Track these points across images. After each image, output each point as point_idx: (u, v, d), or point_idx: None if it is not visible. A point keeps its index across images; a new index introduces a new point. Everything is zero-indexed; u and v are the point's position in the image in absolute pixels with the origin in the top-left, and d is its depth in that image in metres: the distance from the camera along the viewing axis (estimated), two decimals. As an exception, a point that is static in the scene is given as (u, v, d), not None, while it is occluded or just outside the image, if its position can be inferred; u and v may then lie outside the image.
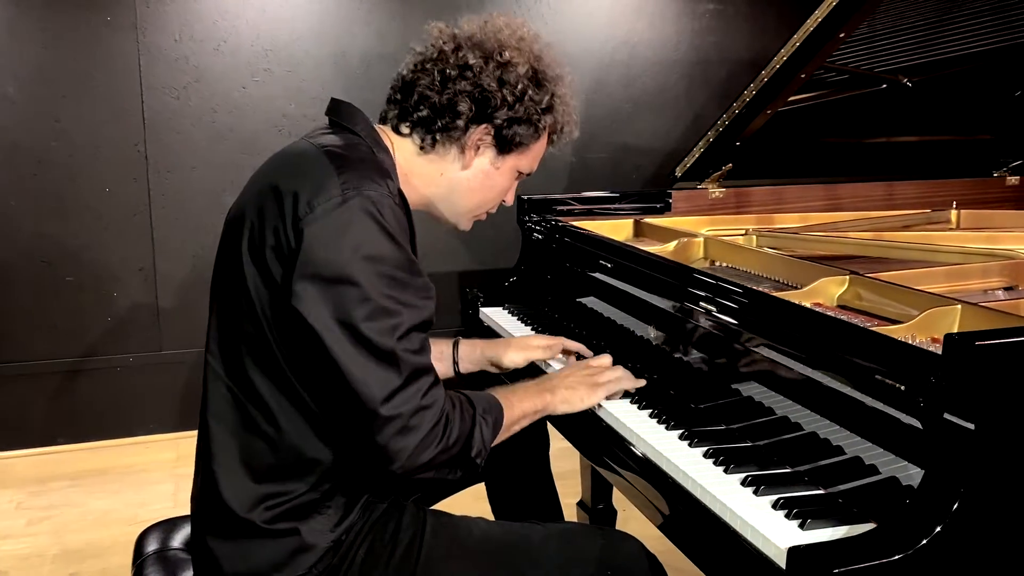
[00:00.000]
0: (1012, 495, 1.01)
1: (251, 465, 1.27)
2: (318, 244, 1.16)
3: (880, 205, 2.66)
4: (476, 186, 1.41)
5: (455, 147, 1.37)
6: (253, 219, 1.24)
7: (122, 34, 3.14)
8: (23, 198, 3.13)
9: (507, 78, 1.33)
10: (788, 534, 1.11)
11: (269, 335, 1.23)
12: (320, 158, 1.24)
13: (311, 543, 1.28)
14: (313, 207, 1.18)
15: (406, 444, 1.18)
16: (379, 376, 1.17)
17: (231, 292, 1.27)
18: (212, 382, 1.30)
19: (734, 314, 1.49)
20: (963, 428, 1.00)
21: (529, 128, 1.37)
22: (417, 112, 1.35)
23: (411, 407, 1.18)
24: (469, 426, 1.28)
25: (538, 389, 1.48)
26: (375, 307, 1.17)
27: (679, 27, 3.80)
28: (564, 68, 1.42)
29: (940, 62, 2.60)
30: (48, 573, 2.49)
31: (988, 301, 1.62)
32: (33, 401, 3.25)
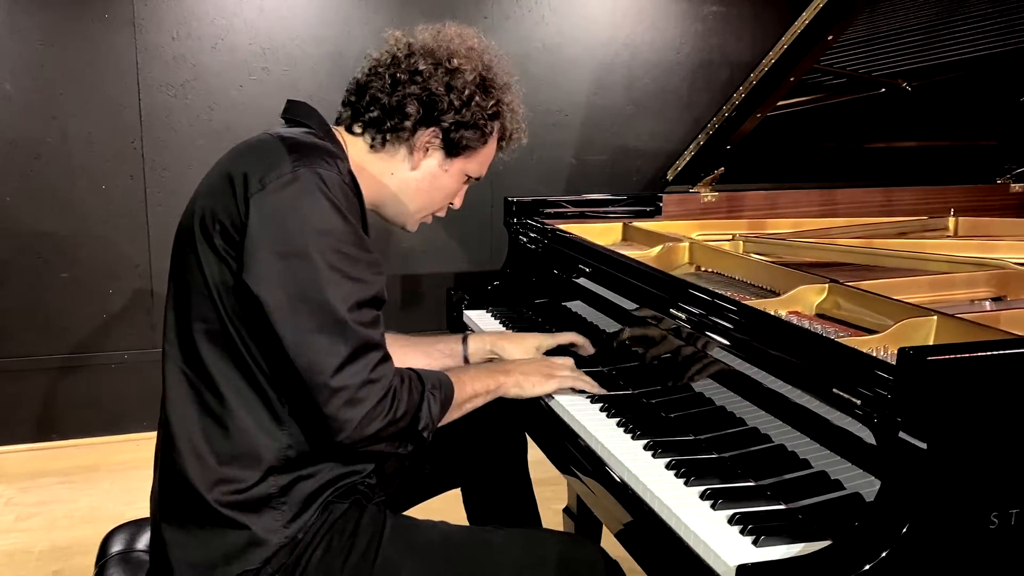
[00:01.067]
0: (965, 522, 0.98)
1: (208, 450, 1.28)
2: (268, 218, 1.20)
3: (877, 211, 2.61)
4: (424, 187, 1.47)
5: (404, 147, 1.43)
6: (205, 204, 1.27)
7: (119, 31, 3.14)
8: (19, 194, 3.13)
9: (455, 84, 1.39)
10: (739, 551, 1.08)
11: (225, 317, 1.25)
12: (274, 142, 1.28)
13: (263, 538, 1.27)
14: (264, 184, 1.21)
15: (353, 415, 1.21)
16: (328, 348, 1.20)
17: (187, 279, 1.29)
18: (170, 370, 1.31)
19: (703, 322, 1.46)
20: (915, 447, 0.97)
21: (476, 132, 1.42)
22: (368, 113, 1.41)
23: (359, 380, 1.22)
24: (417, 401, 1.32)
25: (493, 371, 1.55)
26: (324, 280, 1.20)
27: (682, 29, 3.76)
28: (512, 77, 1.49)
29: (941, 66, 2.55)
30: (33, 570, 2.49)
31: (972, 312, 1.58)
32: (27, 397, 3.26)
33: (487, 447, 1.83)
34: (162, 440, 1.35)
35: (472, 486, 1.87)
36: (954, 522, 0.98)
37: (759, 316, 1.38)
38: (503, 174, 3.62)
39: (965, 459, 0.97)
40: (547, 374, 1.58)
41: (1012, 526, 1.00)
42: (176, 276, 1.33)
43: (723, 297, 1.48)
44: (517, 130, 1.52)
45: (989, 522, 0.99)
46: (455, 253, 3.64)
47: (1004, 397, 0.98)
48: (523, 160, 3.65)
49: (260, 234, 1.20)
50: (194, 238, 1.27)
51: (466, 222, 3.55)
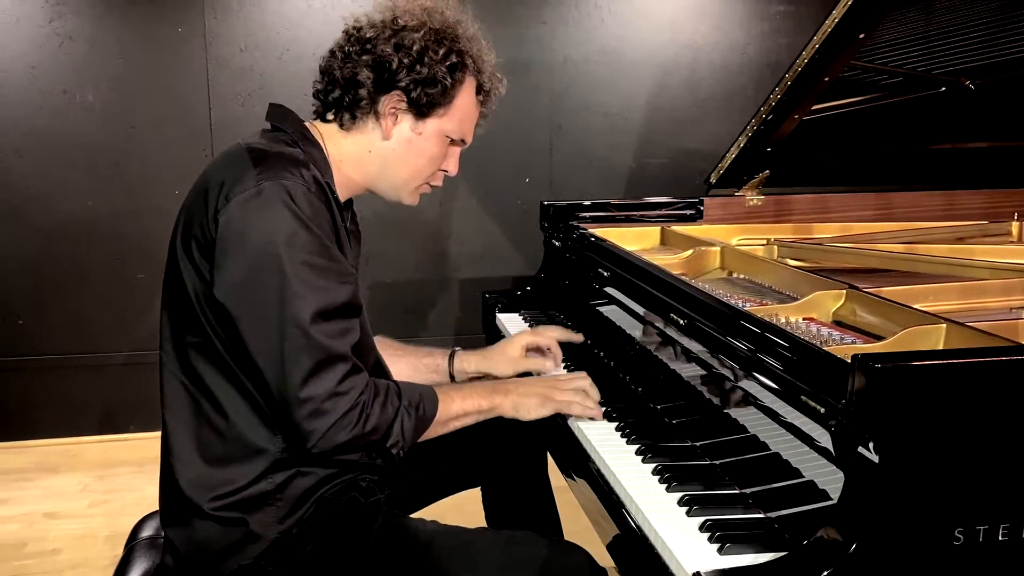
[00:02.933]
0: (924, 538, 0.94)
1: (204, 455, 1.33)
2: (233, 233, 1.23)
3: (936, 215, 2.50)
4: (404, 155, 1.42)
5: (371, 119, 1.40)
6: (185, 216, 1.32)
7: (191, 44, 3.30)
8: (100, 199, 3.33)
9: (402, 42, 1.35)
10: (701, 558, 1.07)
11: (207, 327, 1.29)
12: (241, 154, 1.31)
13: (259, 533, 1.32)
14: (229, 198, 1.24)
15: (318, 426, 1.23)
16: (293, 360, 1.22)
17: (174, 291, 1.33)
18: (167, 377, 1.36)
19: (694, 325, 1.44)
20: (867, 459, 0.94)
21: (436, 87, 1.37)
22: (331, 94, 1.40)
23: (324, 391, 1.23)
24: (390, 418, 1.31)
25: (491, 390, 1.51)
26: (289, 292, 1.22)
27: (747, 29, 3.69)
28: (474, 27, 1.43)
29: (1007, 63, 2.42)
30: (97, 553, 2.64)
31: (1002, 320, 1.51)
32: (108, 389, 3.45)
33: (507, 447, 1.83)
34: (164, 446, 1.39)
35: (491, 487, 1.88)
36: (911, 538, 0.94)
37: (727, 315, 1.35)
38: (563, 179, 3.65)
39: (922, 472, 0.94)
40: (545, 397, 1.52)
41: (980, 543, 0.96)
42: (167, 287, 1.37)
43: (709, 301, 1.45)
44: (491, 79, 1.46)
45: (953, 538, 0.95)
46: (516, 257, 3.67)
47: (971, 405, 0.94)
48: (582, 164, 3.65)
49: (226, 248, 1.23)
50: (176, 249, 1.32)
51: (526, 226, 3.57)
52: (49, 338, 3.39)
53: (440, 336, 3.55)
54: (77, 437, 3.45)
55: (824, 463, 1.16)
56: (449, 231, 3.61)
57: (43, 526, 2.81)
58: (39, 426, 3.42)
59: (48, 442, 3.42)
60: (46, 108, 3.23)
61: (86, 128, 3.28)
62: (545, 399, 1.51)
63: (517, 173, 3.60)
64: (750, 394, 1.29)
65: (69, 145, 3.27)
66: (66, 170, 3.28)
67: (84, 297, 3.38)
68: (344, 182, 1.43)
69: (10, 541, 2.71)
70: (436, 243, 3.62)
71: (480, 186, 3.56)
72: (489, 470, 1.84)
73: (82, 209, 3.32)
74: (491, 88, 1.46)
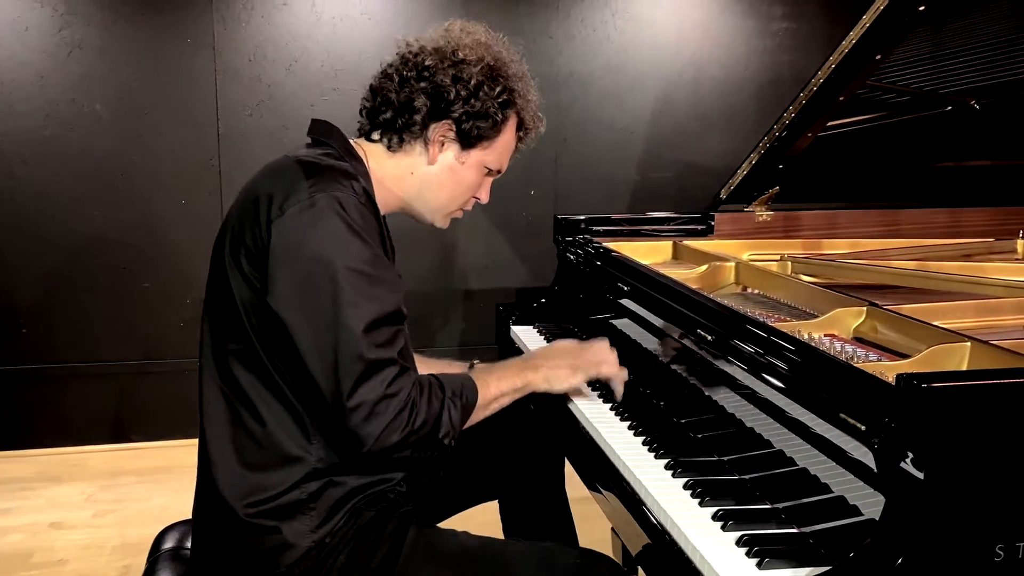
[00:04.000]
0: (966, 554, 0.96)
1: (241, 461, 1.34)
2: (288, 243, 1.26)
3: (943, 233, 2.54)
4: (444, 181, 1.48)
5: (419, 144, 1.45)
6: (234, 225, 1.34)
7: (200, 54, 3.31)
8: (107, 208, 3.33)
9: (461, 75, 1.41)
10: (741, 573, 1.08)
11: (252, 335, 1.31)
12: (292, 166, 1.33)
13: (293, 542, 1.33)
14: (284, 209, 1.27)
15: (372, 430, 1.26)
16: (346, 367, 1.24)
17: (218, 298, 1.36)
18: (206, 385, 1.38)
19: (724, 342, 1.46)
20: (913, 477, 0.96)
21: (487, 122, 1.43)
22: (382, 115, 1.44)
23: (375, 395, 1.25)
24: (437, 410, 1.34)
25: (521, 368, 1.54)
26: (342, 301, 1.25)
27: (750, 46, 3.73)
28: (523, 67, 1.50)
29: (1011, 83, 2.47)
30: (104, 564, 2.63)
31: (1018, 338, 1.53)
32: (111, 399, 3.45)
33: (525, 461, 1.85)
34: (202, 453, 1.42)
35: (508, 499, 1.89)
36: (953, 554, 0.96)
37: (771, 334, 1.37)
38: (567, 192, 3.67)
39: (965, 489, 0.96)
40: (574, 366, 1.57)
41: (1020, 559, 0.98)
42: (210, 294, 1.40)
43: (742, 317, 1.47)
44: (533, 119, 1.52)
45: (994, 554, 0.97)
46: (520, 269, 3.69)
47: (1008, 426, 0.96)
48: (587, 177, 3.68)
49: (281, 258, 1.26)
50: (224, 259, 1.34)
51: (531, 238, 3.60)
52: (52, 347, 3.38)
53: (446, 347, 3.57)
54: (80, 447, 3.43)
55: (851, 478, 1.18)
56: (455, 242, 3.63)
57: (48, 536, 2.80)
58: (41, 435, 3.42)
59: (50, 451, 3.41)
60: (54, 117, 3.23)
61: (94, 137, 3.28)
62: (575, 368, 1.57)
63: (523, 185, 3.62)
64: (778, 410, 1.31)
65: (76, 154, 3.27)
66: (73, 179, 3.29)
67: (88, 306, 3.37)
68: (383, 199, 1.46)
69: (16, 551, 2.69)
70: (442, 254, 3.64)
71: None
72: (508, 482, 1.86)
73: (88, 218, 3.32)
74: (532, 126, 1.53)
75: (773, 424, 1.36)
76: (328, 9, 3.38)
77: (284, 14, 3.36)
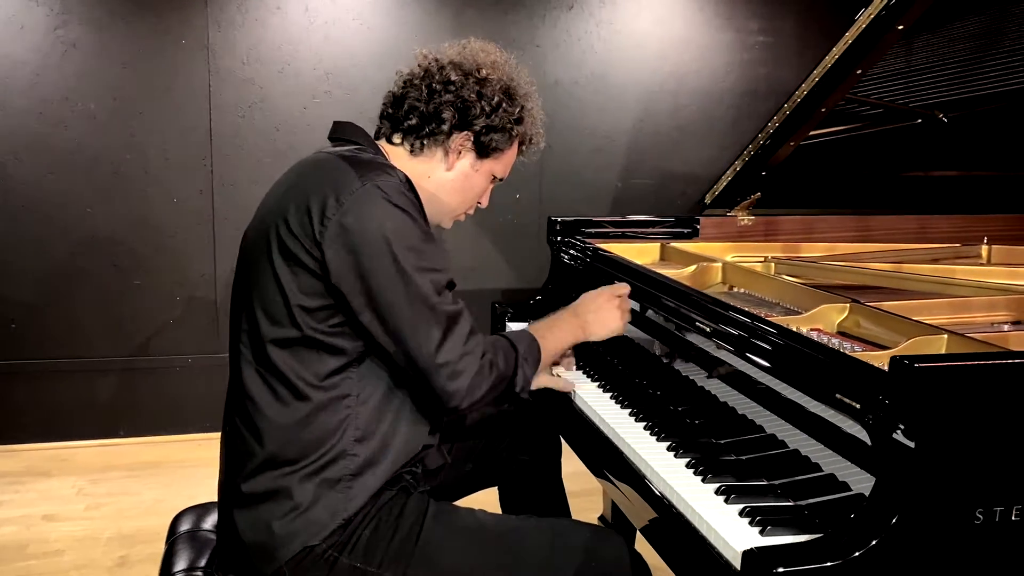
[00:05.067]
0: (951, 516, 1.08)
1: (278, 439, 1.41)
2: (349, 232, 1.35)
3: (912, 238, 2.68)
4: (458, 186, 1.60)
5: (440, 151, 1.57)
6: (278, 220, 1.40)
7: (194, 56, 3.37)
8: (99, 206, 3.37)
9: (484, 92, 1.54)
10: (747, 539, 1.19)
11: (301, 322, 1.38)
12: (337, 162, 1.44)
13: (323, 519, 1.40)
14: (341, 202, 1.37)
15: (459, 386, 1.40)
16: (426, 333, 1.38)
17: (258, 287, 1.42)
18: (245, 368, 1.44)
19: (722, 332, 1.57)
20: (905, 447, 1.07)
21: (504, 135, 1.57)
22: (407, 121, 1.55)
23: (456, 353, 1.40)
24: (512, 365, 1.51)
25: (572, 325, 1.73)
26: (409, 274, 1.37)
27: (728, 59, 3.88)
28: (533, 87, 1.63)
29: (978, 98, 2.62)
30: (101, 554, 2.67)
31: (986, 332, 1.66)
32: (99, 395, 3.48)
33: (525, 451, 1.95)
34: (230, 435, 1.48)
35: (508, 486, 1.99)
36: (940, 516, 1.07)
37: (769, 326, 1.48)
38: (552, 196, 3.78)
39: (951, 458, 1.07)
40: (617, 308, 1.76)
41: (997, 523, 1.10)
42: (244, 284, 1.46)
43: (742, 311, 1.58)
44: (536, 135, 1.66)
45: (974, 518, 1.09)
46: (507, 270, 3.79)
47: (989, 402, 1.08)
48: (571, 182, 3.79)
49: (346, 247, 1.35)
50: (270, 251, 1.40)
51: (517, 241, 3.70)
52: (42, 343, 3.41)
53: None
54: (68, 442, 3.46)
55: (839, 459, 1.30)
56: (443, 245, 3.71)
57: (42, 528, 2.83)
58: (29, 430, 3.44)
59: (38, 446, 3.44)
60: (48, 115, 3.27)
61: (87, 135, 3.32)
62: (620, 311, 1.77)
63: (508, 190, 3.72)
64: (770, 396, 1.42)
65: (70, 152, 3.31)
66: (66, 176, 3.32)
67: (79, 303, 3.41)
68: None
69: (11, 543, 2.73)
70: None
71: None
72: (509, 469, 1.95)
73: (80, 215, 3.35)
74: (536, 141, 1.67)
75: (763, 411, 1.47)
76: (321, 14, 3.45)
77: (278, 18, 3.43)
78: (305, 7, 3.44)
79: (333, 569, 1.40)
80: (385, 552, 1.42)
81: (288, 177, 1.50)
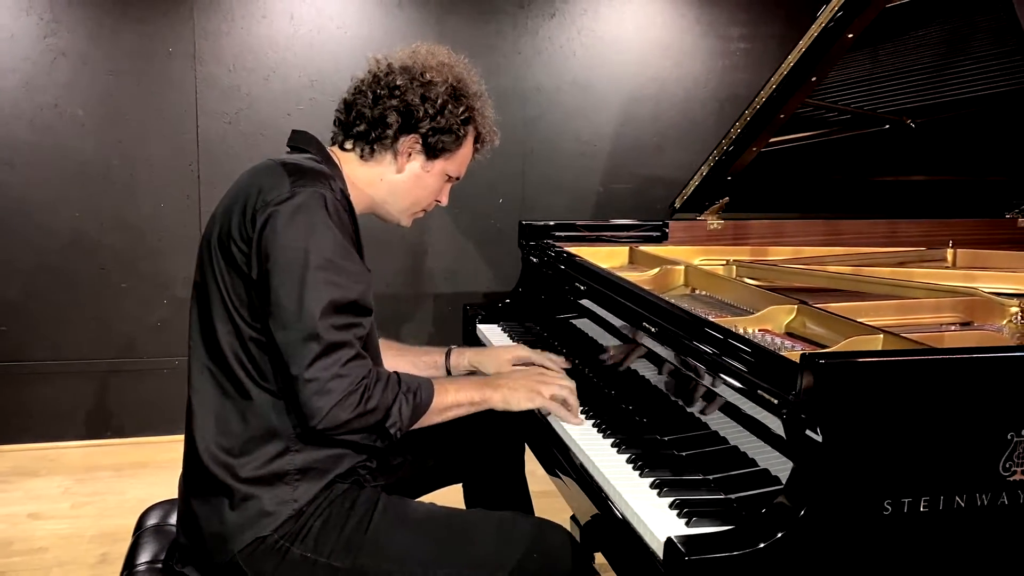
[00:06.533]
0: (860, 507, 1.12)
1: (229, 432, 1.47)
2: (269, 232, 1.40)
3: (880, 242, 2.73)
4: (410, 187, 1.65)
5: (389, 154, 1.62)
6: (221, 218, 1.48)
7: (181, 64, 3.43)
8: (88, 210, 3.43)
9: (429, 95, 1.58)
10: (672, 529, 1.23)
11: (239, 319, 1.45)
12: (276, 167, 1.50)
13: (273, 510, 1.46)
14: (268, 203, 1.42)
15: (323, 404, 1.39)
16: (303, 345, 1.39)
17: (207, 286, 1.49)
18: (195, 364, 1.51)
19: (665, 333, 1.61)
20: (813, 440, 1.12)
21: (451, 136, 1.61)
22: (356, 127, 1.60)
23: (329, 374, 1.39)
24: (389, 401, 1.47)
25: (481, 384, 1.67)
26: (306, 285, 1.39)
27: (709, 65, 3.93)
28: (481, 87, 1.67)
29: (944, 104, 2.66)
30: (84, 551, 2.73)
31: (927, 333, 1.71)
32: (85, 396, 3.54)
33: (488, 447, 1.99)
34: (188, 427, 1.54)
35: (472, 482, 2.03)
36: (849, 508, 1.12)
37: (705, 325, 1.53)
38: (534, 200, 3.83)
39: (858, 452, 1.12)
40: (534, 392, 1.66)
41: (906, 514, 1.14)
42: (199, 283, 1.53)
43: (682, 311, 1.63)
44: (490, 133, 1.70)
45: (883, 509, 1.13)
46: (487, 273, 3.84)
47: (894, 397, 1.13)
48: (552, 187, 3.84)
49: (262, 245, 1.40)
50: (211, 251, 1.48)
51: (498, 244, 3.75)
52: (31, 344, 3.47)
53: (415, 348, 3.70)
54: (55, 442, 3.52)
55: (776, 455, 1.34)
56: (425, 248, 3.77)
57: (27, 526, 2.89)
58: (18, 431, 3.50)
59: (27, 447, 3.50)
60: (38, 122, 3.34)
61: (76, 142, 3.38)
62: (533, 394, 1.66)
63: (491, 194, 3.78)
64: (712, 393, 1.47)
65: (59, 158, 3.38)
66: (55, 182, 3.39)
67: (67, 305, 3.47)
68: (356, 200, 1.60)
69: (-4, 540, 2.79)
70: (413, 259, 3.78)
71: (456, 205, 3.73)
72: (472, 466, 2.00)
73: (69, 220, 3.42)
74: (489, 140, 1.71)
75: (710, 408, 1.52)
76: (306, 22, 3.52)
77: (263, 26, 3.49)
78: (290, 15, 3.50)
79: (285, 559, 1.46)
80: (336, 542, 1.47)
81: (237, 181, 1.56)
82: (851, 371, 1.11)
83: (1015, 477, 1.16)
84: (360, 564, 1.46)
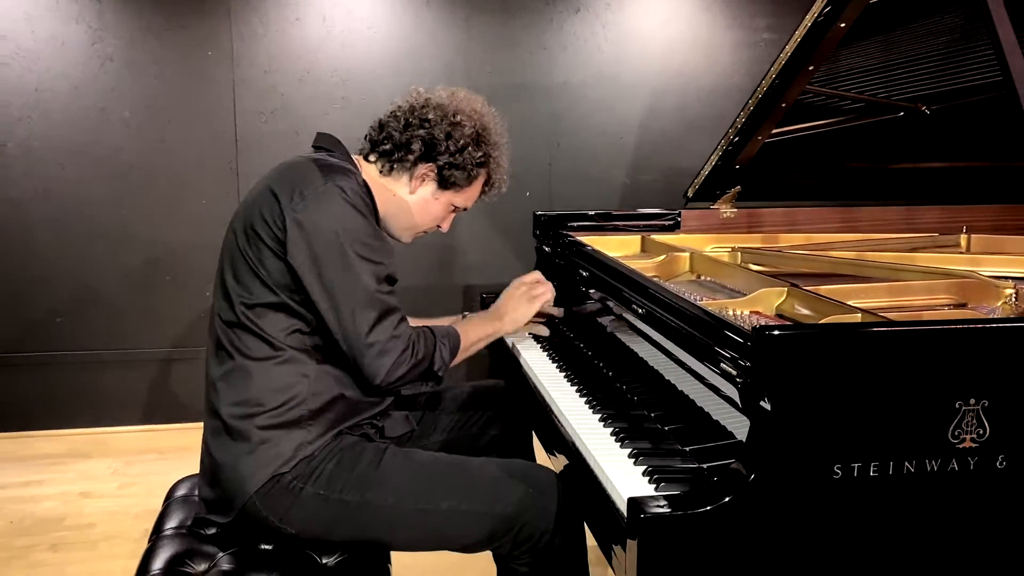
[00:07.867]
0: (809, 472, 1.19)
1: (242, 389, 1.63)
2: (308, 221, 1.59)
3: (895, 228, 2.75)
4: (417, 209, 1.82)
5: (406, 175, 1.79)
6: (252, 210, 1.64)
7: (220, 66, 3.60)
8: (135, 208, 3.62)
9: (454, 134, 1.76)
10: (639, 490, 1.32)
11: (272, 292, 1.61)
12: (308, 163, 1.68)
13: (288, 451, 1.61)
14: (304, 196, 1.60)
15: (384, 363, 1.61)
16: (362, 316, 1.59)
17: (234, 268, 1.65)
18: (219, 329, 1.67)
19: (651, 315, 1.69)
20: (763, 409, 1.19)
21: (463, 174, 1.78)
22: (383, 146, 1.78)
23: (386, 336, 1.61)
24: (432, 349, 1.72)
25: (489, 318, 1.97)
26: (355, 265, 1.59)
27: (734, 57, 3.96)
28: (504, 138, 1.85)
29: (959, 91, 2.67)
30: (129, 527, 2.91)
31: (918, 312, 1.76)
32: (135, 384, 3.73)
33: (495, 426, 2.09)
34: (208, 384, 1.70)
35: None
36: (798, 472, 1.19)
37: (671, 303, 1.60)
38: (561, 194, 3.92)
39: (807, 419, 1.19)
40: (529, 298, 1.99)
41: (855, 477, 1.21)
42: (225, 266, 1.69)
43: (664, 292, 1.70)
44: (500, 180, 1.88)
45: (832, 473, 1.20)
46: (515, 265, 3.93)
47: (844, 368, 1.19)
48: (579, 180, 3.92)
49: (301, 233, 1.58)
50: (246, 235, 1.63)
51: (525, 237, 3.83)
52: (84, 335, 3.67)
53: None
54: (107, 427, 3.72)
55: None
56: (454, 242, 3.88)
57: (78, 504, 3.08)
58: (72, 416, 3.70)
59: (81, 431, 3.70)
60: (86, 125, 3.53)
61: (122, 143, 3.57)
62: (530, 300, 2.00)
63: (518, 188, 3.86)
64: (691, 369, 1.54)
65: (107, 158, 3.57)
66: (104, 181, 3.58)
67: (118, 298, 3.66)
68: None
69: (50, 516, 2.98)
70: (442, 253, 3.89)
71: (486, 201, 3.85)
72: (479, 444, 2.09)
73: (117, 216, 3.61)
74: (498, 186, 1.89)
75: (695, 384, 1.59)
76: (337, 24, 3.65)
77: (297, 28, 3.63)
78: (322, 18, 3.64)
79: (299, 497, 1.61)
80: (347, 481, 1.62)
81: (267, 175, 1.72)
82: (798, 342, 1.17)
83: (964, 444, 1.22)
84: (368, 498, 1.61)
